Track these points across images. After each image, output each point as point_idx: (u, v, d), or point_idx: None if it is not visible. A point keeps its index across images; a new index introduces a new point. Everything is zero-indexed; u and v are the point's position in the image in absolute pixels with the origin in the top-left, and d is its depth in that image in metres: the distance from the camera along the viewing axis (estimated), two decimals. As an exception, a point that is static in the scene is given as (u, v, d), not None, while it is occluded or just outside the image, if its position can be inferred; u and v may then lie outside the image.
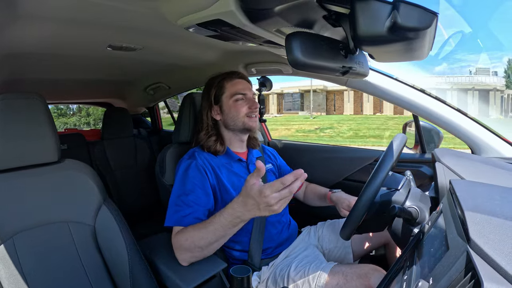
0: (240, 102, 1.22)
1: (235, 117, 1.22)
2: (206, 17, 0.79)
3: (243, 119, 1.22)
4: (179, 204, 1.06)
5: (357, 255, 1.26)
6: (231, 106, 1.22)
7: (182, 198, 1.07)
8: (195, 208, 1.06)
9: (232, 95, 1.22)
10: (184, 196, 1.07)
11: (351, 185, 1.62)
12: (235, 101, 1.22)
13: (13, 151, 0.93)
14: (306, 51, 0.63)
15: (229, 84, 1.24)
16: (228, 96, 1.23)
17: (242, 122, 1.22)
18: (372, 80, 1.29)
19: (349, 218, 0.85)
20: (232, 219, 0.89)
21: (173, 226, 1.04)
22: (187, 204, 1.06)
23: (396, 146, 0.87)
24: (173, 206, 1.08)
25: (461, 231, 0.48)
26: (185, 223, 1.02)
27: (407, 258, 0.68)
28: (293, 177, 0.76)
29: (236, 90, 1.23)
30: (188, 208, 1.05)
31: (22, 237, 0.90)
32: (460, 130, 1.21)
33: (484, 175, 0.85)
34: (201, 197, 1.09)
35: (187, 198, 1.07)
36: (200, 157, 1.18)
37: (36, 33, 0.99)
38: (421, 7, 0.54)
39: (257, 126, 1.28)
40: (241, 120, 1.22)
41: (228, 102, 1.23)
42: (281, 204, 0.78)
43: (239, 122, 1.22)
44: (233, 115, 1.22)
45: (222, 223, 0.90)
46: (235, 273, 0.63)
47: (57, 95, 2.48)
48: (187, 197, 1.07)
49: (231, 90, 1.23)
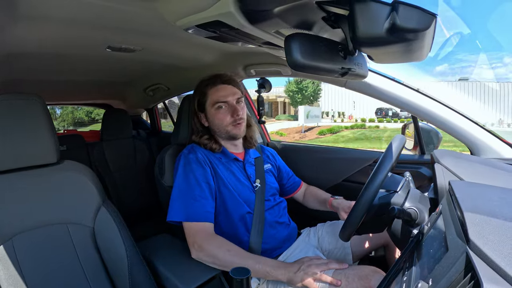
0: (221, 110, 1.21)
1: (219, 126, 1.22)
2: (205, 18, 0.79)
3: (226, 127, 1.21)
4: (186, 199, 1.07)
5: (357, 256, 1.26)
6: (213, 115, 1.22)
7: (187, 192, 1.08)
8: (202, 202, 1.07)
9: (213, 103, 1.21)
10: (189, 190, 1.08)
11: (350, 186, 1.62)
12: (217, 109, 1.21)
13: (12, 152, 0.93)
14: (305, 53, 0.63)
15: (211, 91, 1.22)
16: (210, 104, 1.22)
17: (226, 131, 1.22)
18: (371, 81, 1.29)
19: (348, 219, 0.85)
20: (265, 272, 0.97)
21: (183, 221, 1.05)
22: (194, 198, 1.07)
23: (395, 147, 0.87)
24: (178, 200, 1.09)
25: (460, 232, 0.48)
26: (198, 218, 1.04)
27: (406, 259, 0.68)
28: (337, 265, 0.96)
29: (218, 98, 1.21)
30: (196, 202, 1.06)
31: (21, 238, 0.90)
32: (459, 131, 1.21)
33: (483, 176, 0.85)
34: (206, 190, 1.10)
35: (193, 192, 1.08)
36: (199, 151, 1.19)
37: (35, 34, 0.99)
38: (420, 8, 0.54)
39: (243, 132, 1.27)
40: (224, 129, 1.22)
41: (211, 111, 1.22)
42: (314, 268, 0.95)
43: (223, 131, 1.23)
44: (216, 123, 1.22)
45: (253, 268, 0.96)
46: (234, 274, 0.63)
47: (56, 96, 2.48)
48: (193, 191, 1.08)
49: (212, 97, 1.22)
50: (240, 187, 1.20)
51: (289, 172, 1.50)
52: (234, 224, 1.16)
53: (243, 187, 1.21)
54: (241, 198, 1.18)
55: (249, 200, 1.20)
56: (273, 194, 1.31)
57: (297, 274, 0.94)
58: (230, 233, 1.15)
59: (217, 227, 1.12)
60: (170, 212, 1.08)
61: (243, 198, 1.18)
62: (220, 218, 1.15)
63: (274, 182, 1.35)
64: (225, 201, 1.15)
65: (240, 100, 1.25)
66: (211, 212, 1.09)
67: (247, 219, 1.17)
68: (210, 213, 1.08)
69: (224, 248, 1.00)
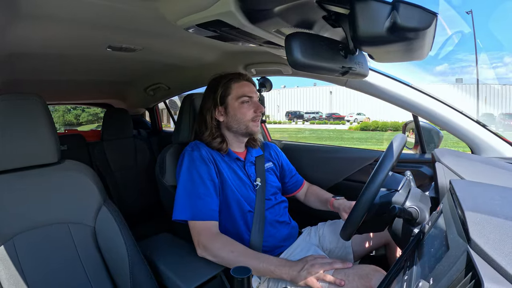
0: (246, 105, 1.22)
1: (240, 120, 1.22)
2: (205, 18, 0.79)
3: (247, 123, 1.22)
4: (191, 197, 1.08)
5: (358, 255, 1.26)
6: (236, 108, 1.21)
7: (193, 190, 1.08)
8: (207, 200, 1.08)
9: (238, 97, 1.21)
10: (194, 189, 1.09)
11: (351, 185, 1.62)
12: (241, 103, 1.21)
13: (12, 152, 0.93)
14: (305, 52, 0.63)
15: (236, 85, 1.23)
16: (234, 98, 1.22)
17: (246, 126, 1.22)
18: (372, 80, 1.29)
19: (349, 219, 0.85)
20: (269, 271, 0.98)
21: (189, 220, 1.06)
22: (199, 196, 1.07)
23: (396, 146, 0.87)
24: (183, 199, 1.09)
25: (461, 231, 0.47)
26: (203, 217, 1.06)
27: (407, 258, 0.68)
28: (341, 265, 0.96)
29: (243, 92, 1.22)
30: (201, 200, 1.07)
31: (22, 238, 0.90)
32: (460, 130, 1.21)
33: (484, 175, 0.85)
34: (210, 187, 1.10)
35: (198, 191, 1.08)
36: (203, 148, 1.19)
37: (36, 34, 0.99)
38: (421, 7, 0.54)
39: (259, 131, 1.28)
40: (245, 124, 1.22)
41: (234, 104, 1.22)
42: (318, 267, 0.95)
43: (243, 126, 1.22)
44: (238, 117, 1.22)
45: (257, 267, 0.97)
46: (235, 273, 0.63)
47: (57, 96, 2.48)
48: (198, 189, 1.08)
49: (238, 91, 1.22)
50: (241, 185, 1.20)
51: (292, 170, 1.50)
52: (235, 222, 1.17)
53: (244, 186, 1.21)
54: (242, 197, 1.18)
55: (249, 199, 1.20)
56: (274, 193, 1.31)
57: (300, 273, 0.94)
58: (231, 231, 1.15)
59: (219, 224, 1.12)
60: (175, 211, 1.09)
61: (244, 197, 1.19)
62: (222, 216, 1.15)
63: (275, 181, 1.35)
64: (227, 199, 1.16)
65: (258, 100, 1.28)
66: (216, 210, 1.09)
67: (248, 217, 1.18)
68: (214, 211, 1.09)
69: (227, 249, 1.01)
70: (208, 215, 1.07)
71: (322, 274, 0.93)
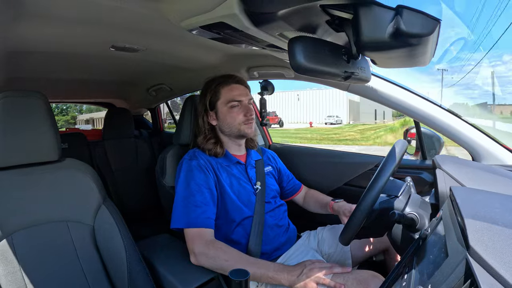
0: (235, 109, 1.21)
1: (230, 124, 1.22)
2: (209, 20, 0.79)
3: (239, 126, 1.22)
4: (187, 206, 1.07)
5: (357, 260, 1.25)
6: (226, 113, 1.22)
7: (189, 199, 1.08)
8: (204, 208, 1.07)
9: (227, 102, 1.21)
10: (191, 197, 1.08)
11: (351, 190, 1.62)
12: (231, 108, 1.21)
13: (13, 149, 0.93)
14: (308, 56, 0.63)
15: (225, 90, 1.23)
16: (223, 103, 1.22)
17: (238, 129, 1.22)
18: (374, 85, 1.29)
19: (348, 224, 0.85)
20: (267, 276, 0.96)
21: (185, 228, 1.05)
22: (196, 204, 1.07)
23: (397, 152, 0.87)
24: (180, 207, 1.08)
25: (460, 238, 0.47)
26: (198, 224, 1.04)
27: (406, 264, 0.68)
28: (340, 269, 0.95)
29: (232, 96, 1.22)
30: (197, 208, 1.06)
31: (20, 235, 0.90)
32: (461, 137, 1.21)
33: (484, 183, 0.85)
34: (207, 196, 1.10)
35: (195, 199, 1.08)
36: (201, 157, 1.19)
37: (40, 32, 0.99)
38: (424, 13, 0.54)
39: (253, 132, 1.28)
40: (236, 128, 1.22)
41: (223, 109, 1.22)
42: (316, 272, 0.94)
43: (234, 129, 1.23)
44: (228, 122, 1.22)
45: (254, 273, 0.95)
46: (233, 276, 0.63)
47: (59, 94, 2.49)
48: (195, 198, 1.08)
49: (226, 96, 1.22)
50: (242, 190, 1.20)
51: (289, 175, 1.50)
52: (233, 228, 1.16)
53: (244, 190, 1.21)
54: (241, 202, 1.18)
55: (249, 202, 1.20)
56: (274, 197, 1.30)
57: (299, 277, 0.94)
58: (229, 236, 1.15)
59: (217, 230, 1.11)
60: (173, 220, 1.09)
61: (244, 201, 1.18)
62: (220, 222, 1.15)
63: (274, 184, 1.35)
64: (226, 206, 1.15)
65: (250, 102, 1.27)
66: (212, 218, 1.08)
67: (246, 222, 1.17)
68: (210, 219, 1.07)
69: (221, 258, 0.99)
70: (203, 223, 1.05)
71: (321, 278, 0.93)
